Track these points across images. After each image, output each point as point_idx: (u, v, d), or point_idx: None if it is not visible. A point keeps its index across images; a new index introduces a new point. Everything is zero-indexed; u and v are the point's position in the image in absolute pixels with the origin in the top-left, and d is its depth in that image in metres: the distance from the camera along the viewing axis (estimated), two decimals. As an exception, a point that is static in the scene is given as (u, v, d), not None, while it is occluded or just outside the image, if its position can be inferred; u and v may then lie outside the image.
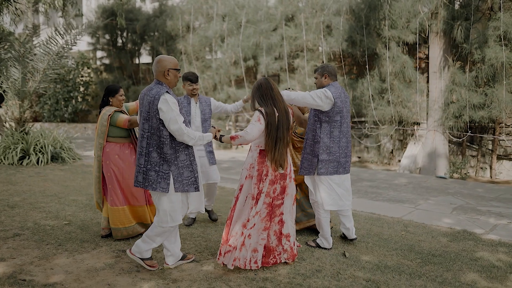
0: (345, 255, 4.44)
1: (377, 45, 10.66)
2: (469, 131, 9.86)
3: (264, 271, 3.95)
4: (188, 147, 3.72)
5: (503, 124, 9.82)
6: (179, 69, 3.77)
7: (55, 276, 3.64)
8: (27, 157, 9.63)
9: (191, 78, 5.13)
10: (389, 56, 10.40)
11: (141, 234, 4.73)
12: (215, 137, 3.97)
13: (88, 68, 19.56)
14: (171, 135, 3.60)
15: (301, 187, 5.17)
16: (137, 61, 18.10)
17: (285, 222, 4.06)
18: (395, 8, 10.15)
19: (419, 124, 10.97)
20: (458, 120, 9.67)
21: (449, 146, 10.58)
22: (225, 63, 13.64)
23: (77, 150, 11.43)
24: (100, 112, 4.68)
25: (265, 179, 3.87)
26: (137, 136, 4.60)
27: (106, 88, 4.68)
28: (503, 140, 9.87)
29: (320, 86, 4.58)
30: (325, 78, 4.54)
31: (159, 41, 16.08)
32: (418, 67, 10.69)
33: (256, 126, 3.81)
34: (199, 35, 14.40)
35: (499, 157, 10.13)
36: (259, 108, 3.88)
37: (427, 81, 10.77)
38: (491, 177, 10.17)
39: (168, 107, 3.49)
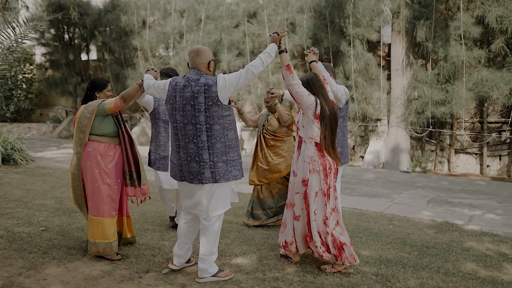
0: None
1: (341, 43, 10.82)
2: (430, 127, 10.25)
3: (271, 271, 3.83)
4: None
5: (461, 120, 10.30)
6: (214, 59, 3.60)
7: (52, 287, 3.31)
8: (-24, 159, 8.86)
9: (171, 75, 4.75)
10: (353, 54, 10.58)
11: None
12: (279, 47, 3.59)
13: (31, 64, 18.40)
14: (233, 120, 3.46)
15: (268, 186, 5.21)
16: (86, 58, 17.26)
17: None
18: (359, 6, 10.34)
19: (380, 120, 11.26)
20: (421, 116, 10.02)
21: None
22: (184, 59, 13.30)
23: (27, 151, 10.66)
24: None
25: (330, 173, 3.75)
26: (125, 129, 4.20)
27: (92, 82, 4.13)
28: (462, 134, 10.35)
29: None
30: (330, 76, 4.66)
31: (112, 37, 15.41)
32: (381, 65, 10.96)
33: (304, 91, 3.67)
34: (156, 31, 13.96)
35: (456, 151, 10.62)
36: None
37: (387, 79, 11.07)
38: (449, 170, 10.64)
39: (224, 77, 3.36)
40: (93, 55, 17.40)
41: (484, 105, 10.03)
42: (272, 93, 4.73)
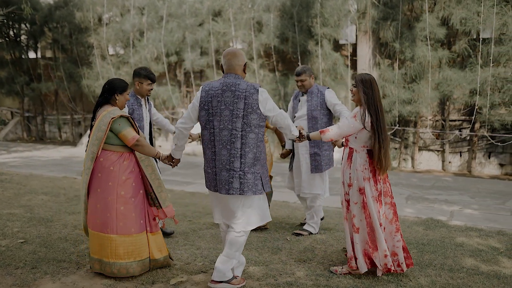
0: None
1: (309, 43, 10.85)
2: (397, 125, 10.50)
3: (282, 276, 3.71)
4: None
5: (425, 118, 10.65)
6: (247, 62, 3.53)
7: (55, 307, 3.01)
8: None
9: (152, 77, 4.52)
10: (321, 54, 10.65)
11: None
12: (301, 136, 3.76)
13: (-28, 63, 17.11)
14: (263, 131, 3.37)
15: None
16: (35, 56, 16.28)
17: None
18: (326, 6, 10.41)
19: (346, 120, 11.39)
20: (388, 115, 10.23)
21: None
22: (145, 58, 12.85)
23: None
24: (95, 111, 3.61)
25: (379, 179, 3.67)
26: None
27: (112, 82, 3.58)
28: (427, 132, 10.68)
29: (309, 86, 4.90)
30: (312, 78, 4.95)
31: (64, 34, 14.62)
32: (348, 65, 11.10)
33: (350, 122, 3.65)
34: (114, 28, 13.37)
35: (420, 148, 10.97)
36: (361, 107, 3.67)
37: (352, 78, 11.25)
38: (413, 167, 10.96)
39: (267, 96, 3.33)
40: (43, 53, 16.44)
41: (446, 103, 10.42)
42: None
